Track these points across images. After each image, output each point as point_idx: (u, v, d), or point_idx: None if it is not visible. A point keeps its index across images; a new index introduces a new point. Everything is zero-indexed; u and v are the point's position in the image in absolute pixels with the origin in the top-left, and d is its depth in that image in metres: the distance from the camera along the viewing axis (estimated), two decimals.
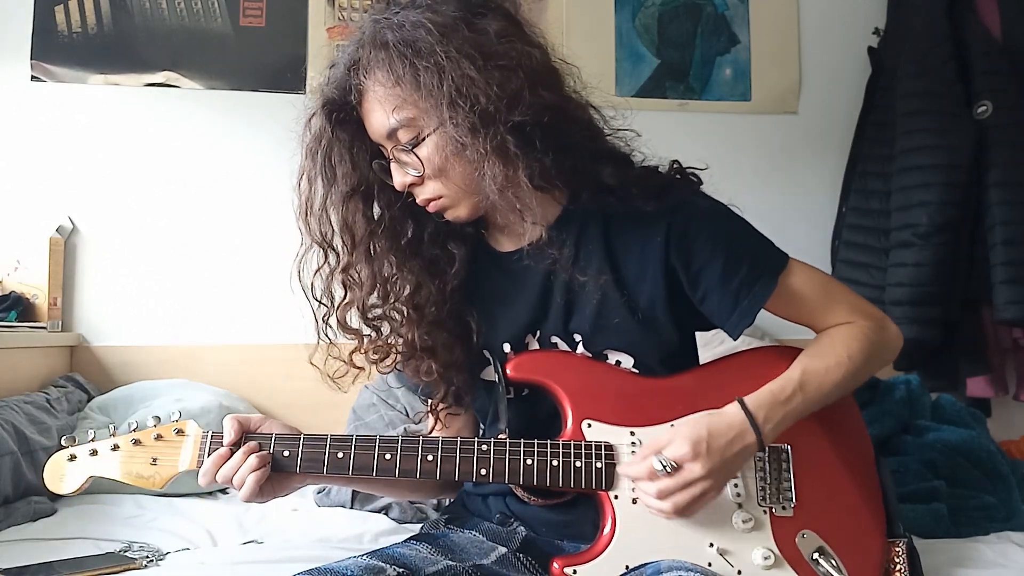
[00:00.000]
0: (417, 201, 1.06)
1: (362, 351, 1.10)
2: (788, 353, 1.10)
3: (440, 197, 1.04)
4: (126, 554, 1.33)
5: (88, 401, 2.00)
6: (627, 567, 0.98)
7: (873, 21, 2.52)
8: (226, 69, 2.30)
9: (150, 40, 2.27)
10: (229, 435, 1.01)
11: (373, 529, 1.53)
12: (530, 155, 0.97)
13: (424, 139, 0.99)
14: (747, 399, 1.00)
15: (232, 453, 1.00)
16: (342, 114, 1.04)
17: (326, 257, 1.07)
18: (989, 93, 2.18)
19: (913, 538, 1.13)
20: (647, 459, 0.97)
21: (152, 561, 1.31)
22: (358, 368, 1.10)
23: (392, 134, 1.01)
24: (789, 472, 1.04)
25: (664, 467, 0.95)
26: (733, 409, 1.00)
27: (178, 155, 2.26)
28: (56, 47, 2.23)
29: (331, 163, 1.05)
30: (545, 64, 1.03)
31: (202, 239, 2.25)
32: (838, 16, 2.58)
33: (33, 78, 2.22)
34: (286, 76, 2.27)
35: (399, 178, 1.04)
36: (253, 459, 0.99)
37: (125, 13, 2.26)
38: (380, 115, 1.00)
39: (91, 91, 2.24)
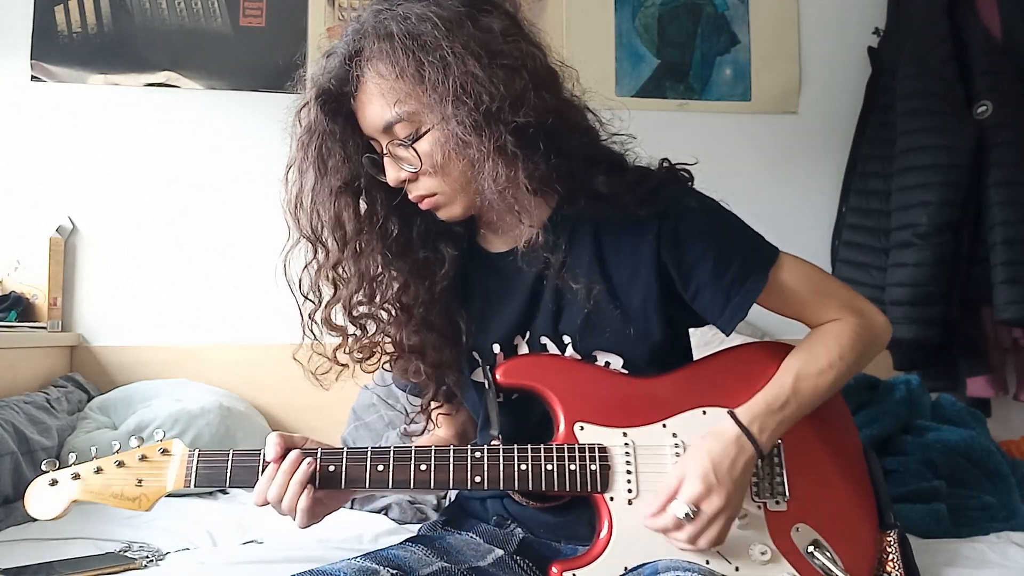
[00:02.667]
0: (410, 197, 1.04)
1: (347, 350, 1.09)
2: (776, 349, 1.10)
3: (435, 194, 1.02)
4: (126, 554, 1.33)
5: (88, 401, 2.00)
6: (625, 568, 0.98)
7: (873, 21, 2.52)
8: (226, 69, 2.30)
9: (150, 40, 2.27)
10: (271, 451, 0.97)
11: (373, 529, 1.53)
12: (530, 157, 0.96)
13: (423, 134, 0.98)
14: (739, 412, 1.01)
15: (278, 470, 0.96)
16: (336, 105, 1.01)
17: (315, 252, 1.05)
18: (989, 93, 2.18)
19: (913, 538, 1.13)
20: (666, 510, 0.97)
21: (152, 561, 1.31)
22: (342, 365, 1.08)
23: (389, 128, 0.99)
24: (781, 467, 1.05)
25: (688, 516, 0.95)
26: (727, 426, 1.00)
27: (178, 155, 2.26)
28: (56, 47, 2.23)
29: (323, 155, 1.02)
30: (547, 66, 1.02)
31: (202, 239, 2.25)
32: (838, 16, 2.58)
33: (33, 78, 2.22)
34: (286, 76, 2.26)
35: (393, 173, 1.02)
36: (300, 474, 0.96)
37: (125, 13, 2.26)
38: (378, 108, 0.99)
39: (91, 91, 2.24)
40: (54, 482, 0.98)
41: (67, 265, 2.19)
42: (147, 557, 1.32)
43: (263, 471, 0.98)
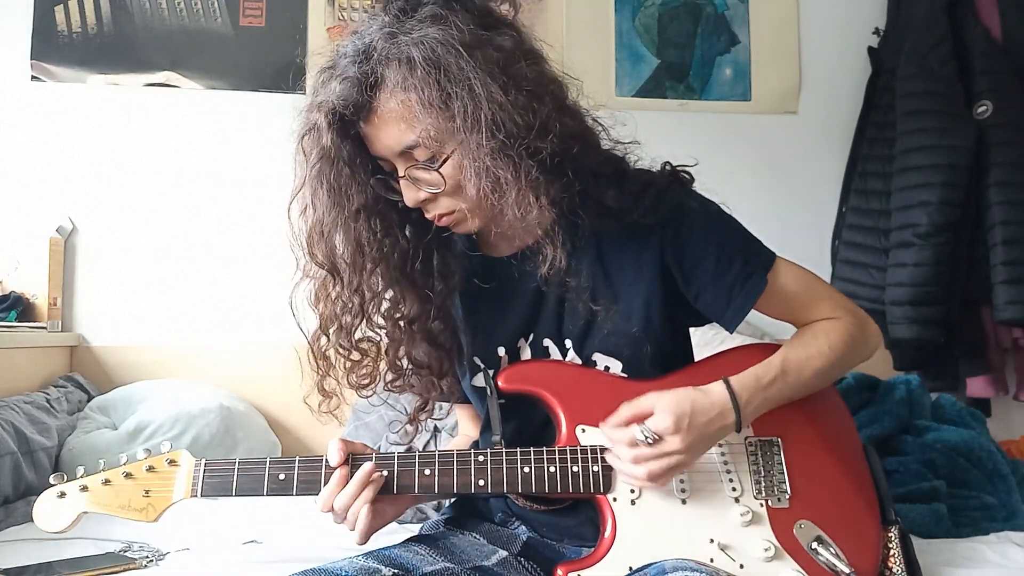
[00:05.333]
0: (427, 216, 1.03)
1: (344, 375, 1.07)
2: (772, 351, 1.10)
3: (453, 212, 1.02)
4: (126, 554, 1.33)
5: (88, 401, 2.00)
6: (630, 568, 0.98)
7: (873, 21, 2.52)
8: (226, 69, 2.30)
9: (150, 40, 2.27)
10: (335, 457, 0.97)
11: None
12: (553, 183, 0.97)
13: (446, 158, 0.97)
14: (732, 380, 1.01)
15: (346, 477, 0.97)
16: (351, 129, 0.99)
17: (333, 282, 1.03)
18: (989, 93, 2.18)
19: (914, 538, 1.13)
20: (629, 425, 0.98)
21: (152, 561, 1.31)
22: (327, 396, 1.06)
23: (407, 151, 0.97)
24: (782, 464, 1.05)
25: (646, 438, 0.96)
26: (718, 388, 1.00)
27: (178, 155, 2.26)
28: (56, 47, 2.23)
29: (339, 181, 0.99)
30: (559, 81, 1.01)
31: (202, 239, 2.25)
32: (838, 16, 2.58)
33: (33, 78, 2.22)
34: (286, 76, 2.27)
35: (411, 195, 1.00)
36: (369, 491, 0.96)
37: (125, 13, 2.26)
38: (396, 132, 0.96)
39: (91, 91, 2.24)
40: (62, 494, 0.99)
41: (67, 265, 2.19)
42: (147, 557, 1.32)
43: (327, 478, 0.97)
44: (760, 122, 2.53)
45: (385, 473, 0.98)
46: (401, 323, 1.09)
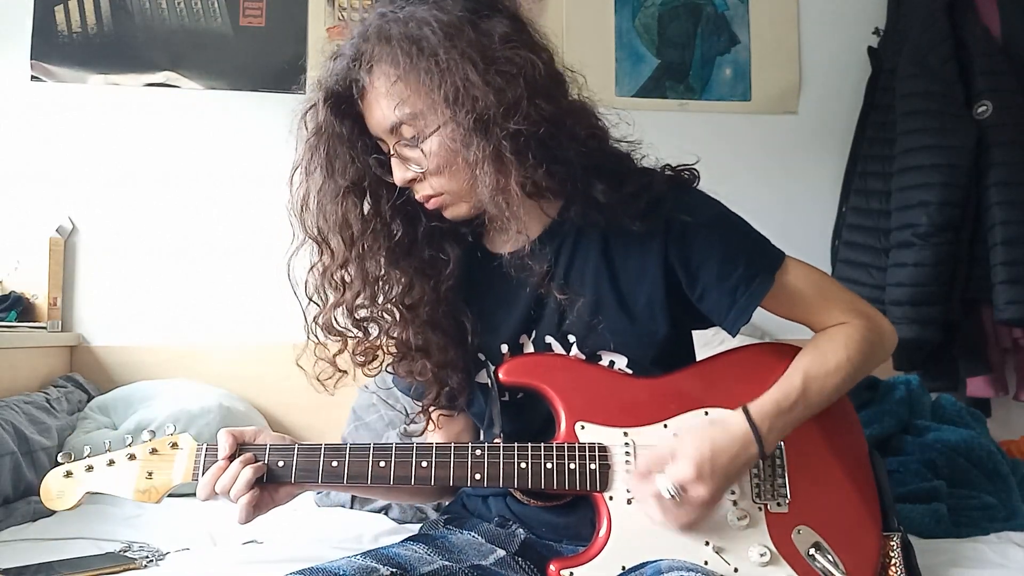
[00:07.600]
0: (417, 197, 1.05)
1: (349, 352, 1.09)
2: (782, 351, 1.10)
3: (441, 194, 1.03)
4: (126, 554, 1.34)
5: (88, 401, 2.00)
6: (623, 567, 0.98)
7: (873, 21, 2.52)
8: (226, 69, 2.30)
9: (150, 40, 2.27)
10: (224, 448, 1.00)
11: (373, 529, 1.53)
12: (524, 164, 0.97)
13: (429, 136, 0.99)
14: (751, 408, 1.00)
15: (228, 466, 1.00)
16: (344, 106, 1.02)
17: (320, 254, 1.05)
18: (989, 93, 2.18)
19: (913, 538, 1.12)
20: (650, 477, 0.97)
21: (152, 561, 1.31)
22: (341, 372, 1.08)
23: (395, 129, 1.00)
24: (783, 468, 1.05)
25: (672, 495, 0.95)
26: (737, 419, 0.99)
27: (178, 155, 2.26)
28: (56, 47, 2.23)
29: (331, 157, 1.03)
30: (548, 73, 1.01)
31: (202, 239, 2.25)
32: (838, 16, 2.58)
33: (33, 78, 2.22)
34: (286, 76, 2.27)
35: (400, 173, 1.02)
36: (248, 471, 0.98)
37: (125, 13, 2.26)
38: (383, 109, 0.99)
39: (91, 91, 2.24)
40: (69, 474, 1.02)
41: (67, 265, 2.19)
42: (147, 557, 1.32)
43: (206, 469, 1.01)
44: (760, 122, 2.53)
45: (281, 464, 1.00)
46: (402, 307, 1.09)
